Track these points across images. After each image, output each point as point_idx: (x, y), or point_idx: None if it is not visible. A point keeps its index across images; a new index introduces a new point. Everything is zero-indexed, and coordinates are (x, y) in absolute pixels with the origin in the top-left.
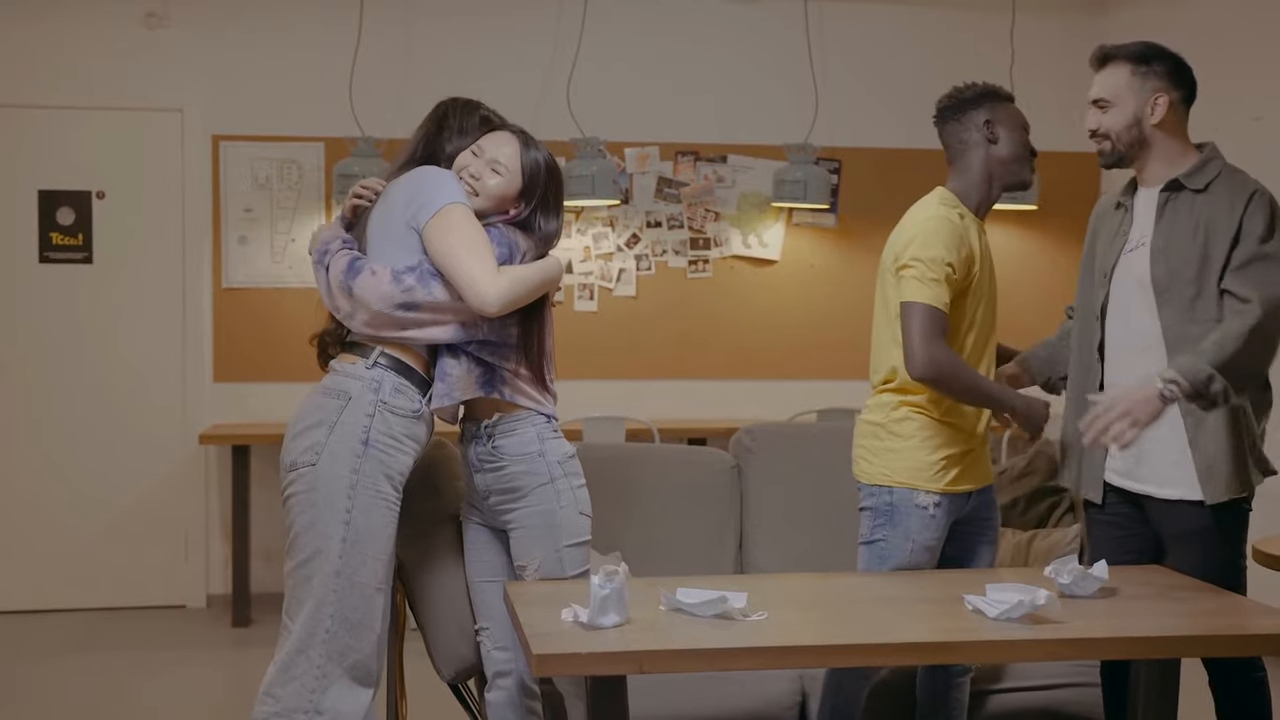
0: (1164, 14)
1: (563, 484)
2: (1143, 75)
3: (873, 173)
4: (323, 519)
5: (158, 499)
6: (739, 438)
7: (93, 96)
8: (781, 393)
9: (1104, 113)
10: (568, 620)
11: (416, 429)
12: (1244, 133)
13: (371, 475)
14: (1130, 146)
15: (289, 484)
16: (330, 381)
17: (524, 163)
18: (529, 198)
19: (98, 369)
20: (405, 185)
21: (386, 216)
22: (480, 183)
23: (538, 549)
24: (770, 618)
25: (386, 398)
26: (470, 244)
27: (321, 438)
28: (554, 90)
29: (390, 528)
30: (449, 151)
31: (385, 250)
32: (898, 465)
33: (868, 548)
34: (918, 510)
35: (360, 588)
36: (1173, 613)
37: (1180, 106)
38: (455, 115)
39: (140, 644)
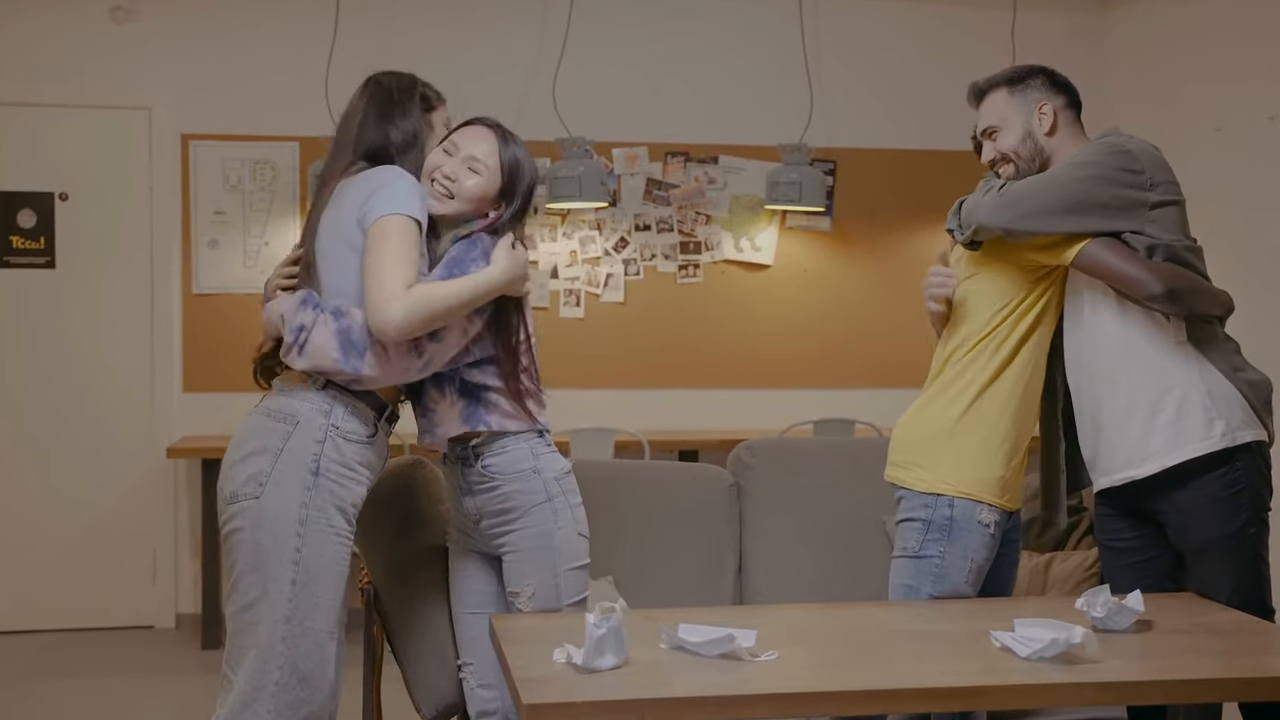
0: (1169, 10)
1: (560, 502)
2: (1020, 92)
3: (870, 174)
4: (269, 558)
5: (124, 515)
6: (738, 453)
7: (56, 94)
8: (776, 402)
9: (995, 139)
10: (560, 661)
11: (371, 455)
12: (1256, 131)
13: (323, 508)
14: (1031, 161)
15: (229, 518)
16: (274, 403)
17: (503, 159)
18: (509, 198)
19: (60, 379)
20: (363, 185)
21: (339, 217)
22: (456, 184)
23: (533, 573)
24: (781, 657)
25: (339, 421)
26: (397, 257)
27: (266, 466)
28: (539, 88)
29: (344, 565)
30: (395, 140)
31: (338, 251)
32: (963, 475)
33: (915, 562)
34: (979, 527)
35: (312, 634)
36: (1216, 650)
37: (1067, 112)
38: (396, 95)
39: (106, 667)
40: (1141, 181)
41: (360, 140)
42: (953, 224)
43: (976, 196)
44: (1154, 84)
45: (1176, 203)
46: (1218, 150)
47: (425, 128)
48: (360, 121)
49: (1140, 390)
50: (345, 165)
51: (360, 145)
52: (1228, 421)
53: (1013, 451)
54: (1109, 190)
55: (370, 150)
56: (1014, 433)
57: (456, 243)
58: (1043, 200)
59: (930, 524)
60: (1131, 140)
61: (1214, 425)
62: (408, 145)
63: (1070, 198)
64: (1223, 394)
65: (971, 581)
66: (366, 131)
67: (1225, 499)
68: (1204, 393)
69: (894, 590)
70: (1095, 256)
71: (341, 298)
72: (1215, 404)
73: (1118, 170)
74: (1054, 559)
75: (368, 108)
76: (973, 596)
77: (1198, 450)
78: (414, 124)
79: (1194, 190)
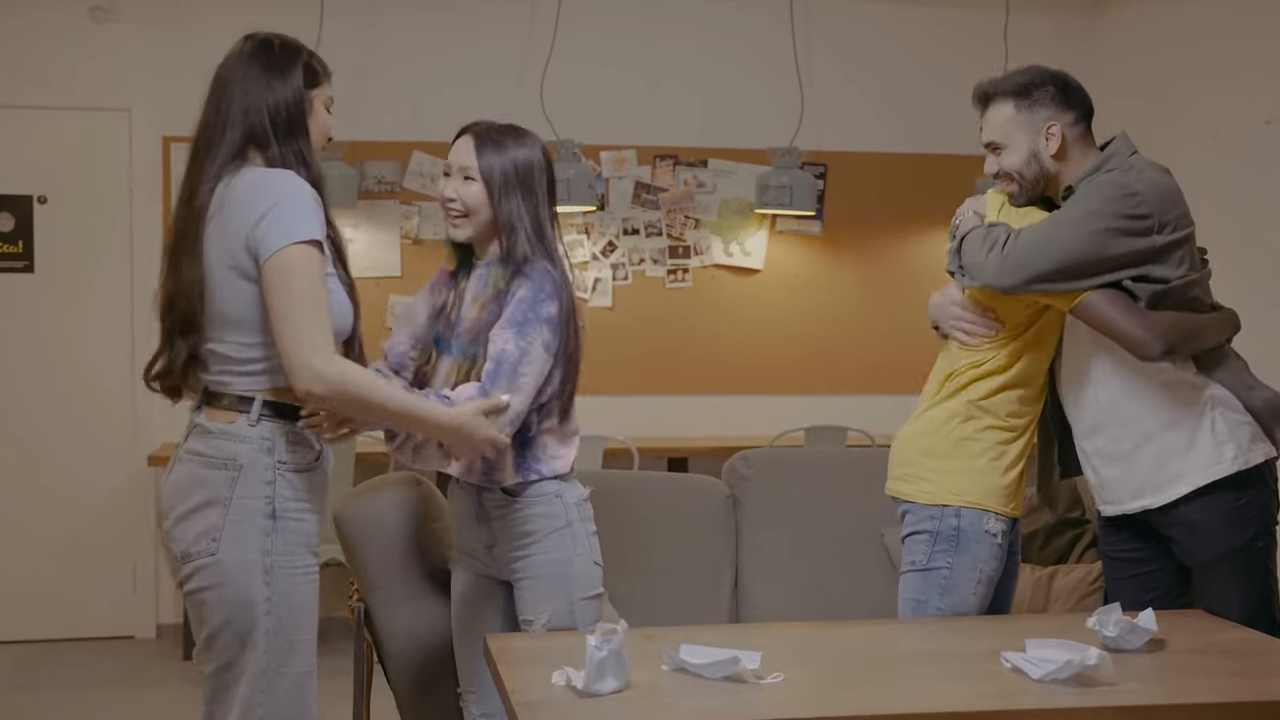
0: (1162, 12)
1: (579, 529)
2: (1028, 108)
3: (861, 178)
4: (239, 616)
5: (104, 523)
6: (733, 464)
7: (33, 95)
8: (766, 409)
9: (999, 155)
10: (559, 684)
11: (322, 477)
12: (1252, 135)
13: (287, 551)
14: (1035, 182)
15: (186, 578)
16: (206, 446)
17: (481, 167)
18: (511, 201)
19: (39, 386)
20: (248, 200)
21: (223, 235)
22: (460, 201)
23: (549, 601)
24: (787, 679)
25: (284, 455)
26: (307, 303)
27: (216, 520)
28: (526, 90)
29: (315, 598)
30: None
31: (227, 278)
32: (969, 485)
33: (923, 575)
34: (987, 537)
35: (290, 678)
36: (1230, 671)
37: (1076, 128)
38: (278, 56)
39: (85, 679)
40: (1149, 227)
41: (242, 114)
42: (953, 266)
43: (979, 249)
44: (1147, 87)
45: (1187, 237)
46: (1212, 154)
47: (306, 104)
48: (240, 90)
49: (1151, 420)
50: (225, 157)
51: (242, 121)
52: (1238, 444)
53: (1016, 459)
54: (1117, 244)
55: (251, 130)
56: (1017, 441)
57: (515, 278)
58: (1051, 263)
59: (937, 536)
60: (1140, 175)
61: (1224, 449)
62: (291, 124)
63: (1078, 258)
64: (1234, 416)
65: (980, 594)
66: (249, 100)
67: (1233, 514)
68: (1214, 418)
69: (903, 605)
70: (1095, 310)
71: (240, 330)
72: (1227, 427)
73: (1125, 220)
74: (1056, 572)
75: (249, 70)
76: (980, 610)
77: (1210, 476)
78: (293, 94)
79: (1188, 194)
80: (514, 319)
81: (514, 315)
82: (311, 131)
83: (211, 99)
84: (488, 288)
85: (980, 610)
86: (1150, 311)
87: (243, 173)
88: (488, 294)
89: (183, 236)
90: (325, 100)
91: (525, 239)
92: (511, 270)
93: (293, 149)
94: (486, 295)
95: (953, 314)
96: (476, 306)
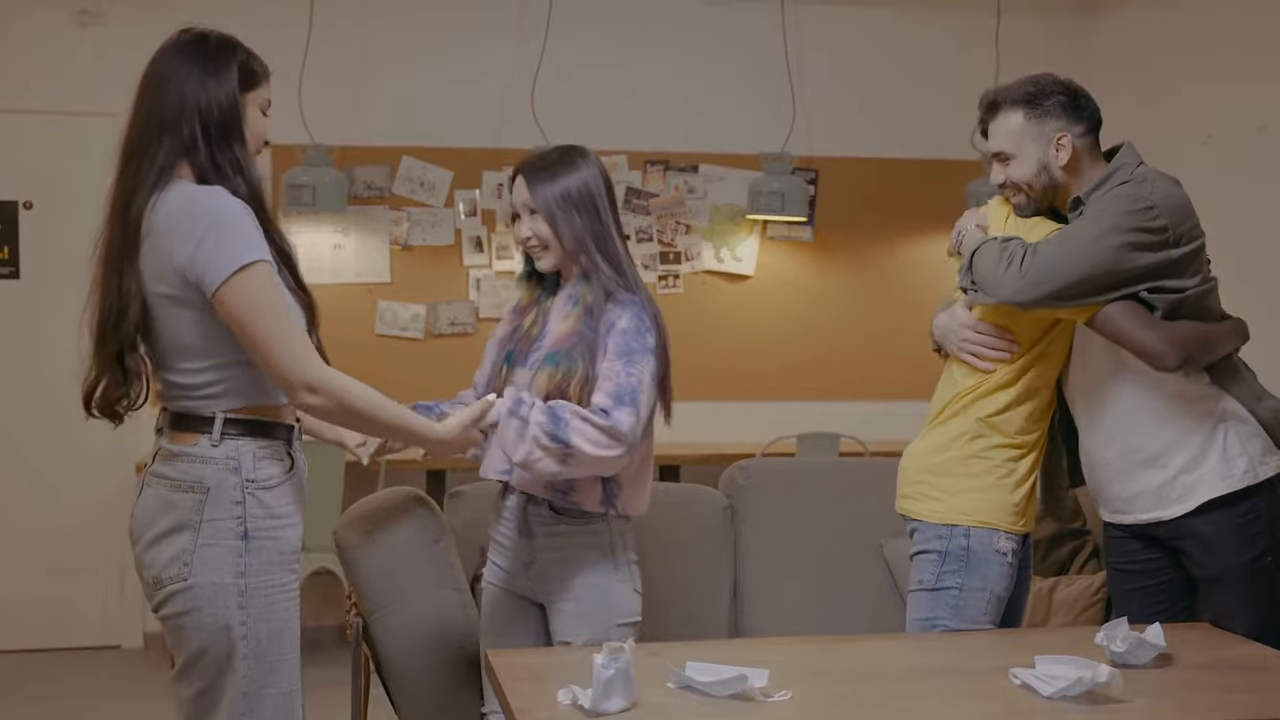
0: (1154, 17)
1: (622, 556)
2: (1038, 119)
3: (852, 183)
4: (216, 642)
5: (91, 532)
6: (731, 474)
7: (19, 99)
8: (758, 415)
9: (1007, 165)
10: (565, 703)
11: (295, 489)
12: (1245, 141)
13: (261, 572)
14: (1045, 192)
15: (160, 604)
16: (172, 469)
17: (538, 203)
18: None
19: (25, 392)
20: (180, 225)
21: (157, 259)
22: (537, 235)
23: (587, 625)
24: (794, 698)
25: (251, 473)
26: (280, 318)
27: (187, 544)
28: (517, 95)
29: (296, 617)
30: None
31: (167, 309)
32: (978, 504)
33: (932, 595)
34: (997, 556)
35: (273, 699)
36: (1241, 688)
37: (1086, 138)
38: (212, 54)
39: (71, 689)
40: (1166, 240)
41: (174, 117)
42: (965, 282)
43: (995, 264)
44: (1138, 91)
45: (1200, 247)
46: (1205, 159)
47: (240, 108)
48: (173, 89)
49: (1163, 432)
50: (158, 165)
51: (174, 125)
52: (1249, 458)
53: (1026, 475)
54: (1137, 258)
55: (182, 136)
56: (1026, 457)
57: (609, 303)
58: (1070, 279)
59: (946, 555)
60: (1153, 187)
61: (1236, 463)
62: (225, 129)
63: (1099, 273)
64: (1245, 429)
65: (991, 615)
66: (182, 101)
67: (1243, 527)
68: (1226, 431)
69: (911, 625)
70: (1112, 322)
71: (188, 357)
72: (1239, 440)
73: (1143, 233)
74: (1058, 584)
75: (181, 68)
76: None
77: (1221, 490)
78: (227, 96)
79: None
80: (621, 350)
81: (620, 346)
82: (246, 136)
83: (142, 97)
84: (577, 304)
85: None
86: (1166, 322)
87: (170, 192)
88: (577, 310)
89: (118, 247)
90: (262, 103)
91: (599, 254)
92: (600, 291)
93: (227, 156)
94: (576, 311)
95: (964, 336)
96: (567, 322)
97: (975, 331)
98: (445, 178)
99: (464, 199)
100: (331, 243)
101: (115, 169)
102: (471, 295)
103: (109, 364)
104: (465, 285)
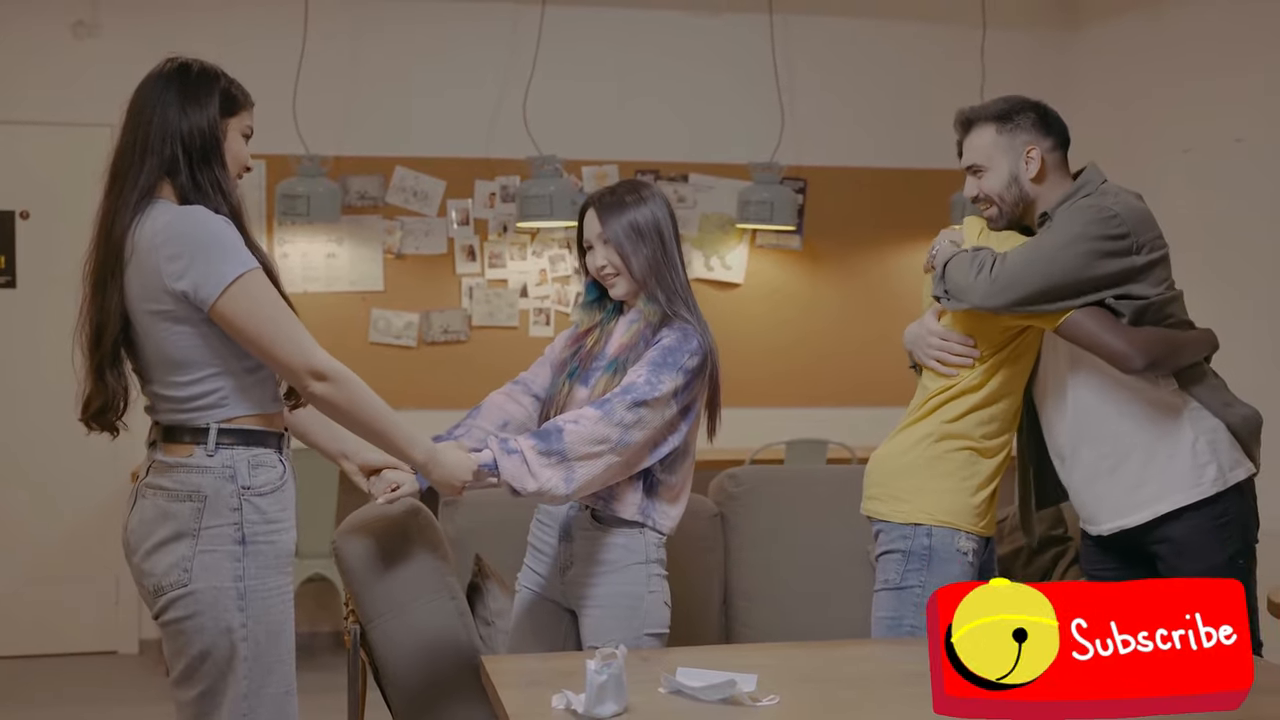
0: (1137, 30)
1: (655, 568)
2: (1009, 132)
3: (840, 193)
4: (217, 644)
5: (87, 538)
6: (721, 482)
7: (15, 110)
8: (747, 422)
9: (980, 178)
10: (559, 708)
11: (288, 495)
12: (1224, 152)
13: (260, 574)
14: (1015, 205)
15: (161, 610)
16: (168, 480)
17: (608, 235)
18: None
19: (21, 401)
20: (166, 244)
21: (142, 278)
22: (610, 264)
23: (616, 631)
24: (783, 702)
25: (247, 481)
26: (281, 319)
27: (186, 552)
28: (509, 106)
29: (290, 619)
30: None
31: (155, 325)
32: (940, 505)
33: (897, 594)
34: (958, 555)
35: (271, 699)
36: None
37: (1054, 154)
38: (194, 80)
39: (67, 695)
40: (1129, 246)
41: (158, 141)
42: (939, 291)
43: (965, 272)
44: (1121, 103)
45: (1164, 257)
46: (1184, 170)
47: (220, 133)
48: (156, 114)
49: (1132, 439)
50: (141, 187)
51: (157, 148)
52: (1219, 465)
53: (988, 479)
54: (1101, 265)
55: (164, 158)
56: (989, 460)
57: (664, 325)
58: (1038, 285)
59: (910, 555)
60: (1116, 198)
61: (1206, 470)
62: (206, 153)
63: (1064, 279)
64: (1214, 436)
65: None
66: (164, 126)
67: (1217, 529)
68: (1194, 438)
69: (877, 624)
70: (1079, 327)
71: (179, 370)
72: (1208, 447)
73: (1106, 240)
74: None
75: (164, 94)
76: None
77: (1194, 497)
78: (208, 122)
79: (1161, 208)
80: (652, 360)
81: (653, 357)
82: (227, 160)
83: (129, 123)
84: (639, 320)
85: None
86: (1132, 327)
87: (153, 212)
88: (639, 325)
89: (103, 265)
90: (243, 129)
91: (664, 280)
92: (660, 310)
93: (208, 178)
94: (638, 326)
95: (929, 343)
96: (628, 335)
97: (940, 338)
98: (438, 187)
99: (456, 208)
100: (325, 252)
101: (102, 191)
102: (464, 303)
103: (94, 377)
104: (458, 293)
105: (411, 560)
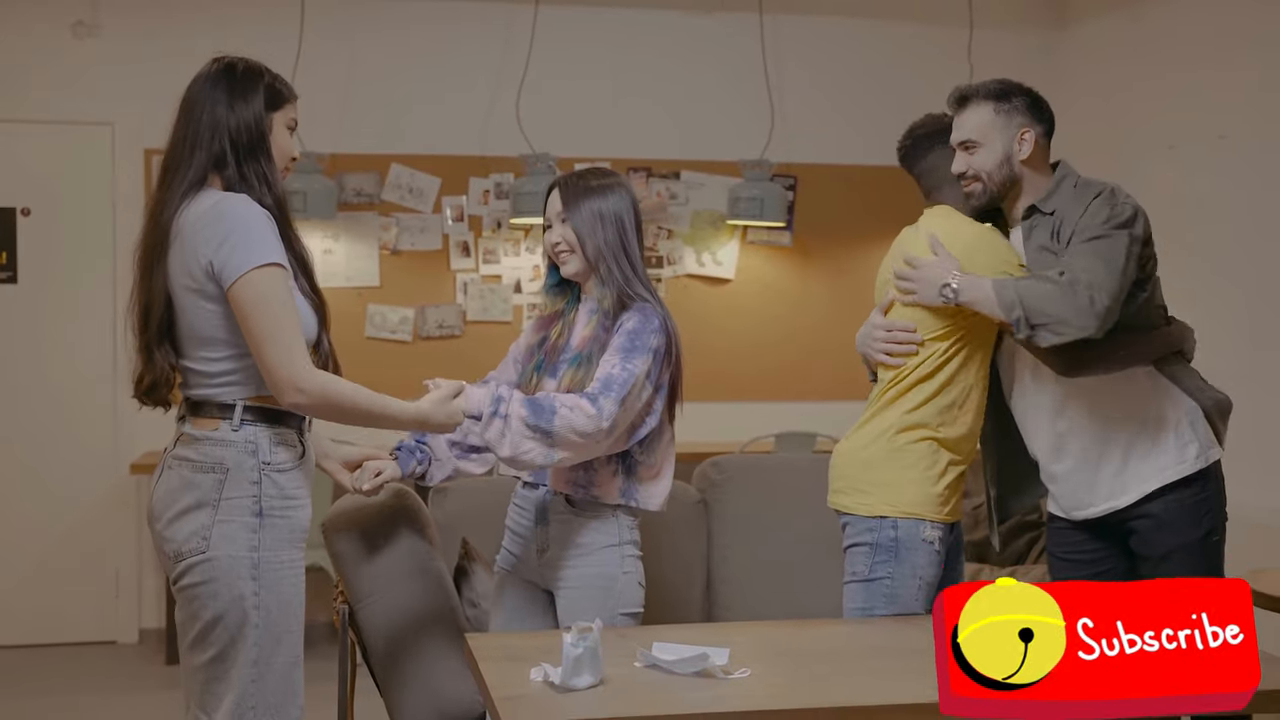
0: (1123, 30)
1: (629, 549)
2: (1006, 113)
3: (830, 190)
4: (230, 610)
5: (87, 530)
6: (704, 470)
7: (17, 109)
8: (737, 416)
9: (972, 154)
10: (537, 680)
11: (305, 475)
12: (1208, 148)
13: (273, 547)
14: (1002, 185)
15: (179, 575)
16: (194, 452)
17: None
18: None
19: (23, 394)
20: (207, 226)
21: (183, 259)
22: (564, 242)
23: (592, 611)
24: (754, 675)
25: (268, 456)
26: (280, 322)
27: (206, 520)
28: (502, 104)
29: (301, 591)
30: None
31: (190, 300)
32: (903, 495)
33: (866, 586)
34: (924, 545)
35: (279, 668)
36: None
37: (1044, 140)
38: (240, 77)
39: (67, 684)
40: (1149, 237)
41: (206, 136)
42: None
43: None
44: (1107, 100)
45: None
46: (1169, 166)
47: (266, 126)
48: (205, 112)
49: (1121, 425)
50: (190, 178)
51: (206, 143)
52: (1200, 444)
53: (949, 466)
54: (1143, 251)
55: (213, 152)
56: (949, 450)
57: (622, 310)
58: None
59: (877, 547)
60: (1120, 191)
61: (1187, 449)
62: (252, 146)
63: (1129, 277)
64: (1194, 416)
65: (924, 601)
66: (213, 122)
67: (1195, 506)
68: (1176, 419)
69: (848, 615)
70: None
71: (209, 347)
72: (1190, 428)
73: (1144, 225)
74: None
75: (213, 92)
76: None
77: (1174, 475)
78: (254, 116)
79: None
80: (621, 347)
81: (621, 344)
82: (274, 152)
83: (180, 120)
84: (596, 311)
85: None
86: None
87: (200, 197)
88: (596, 316)
89: (151, 249)
90: (288, 122)
91: (617, 265)
92: (615, 296)
93: (254, 170)
94: (596, 317)
95: (875, 336)
96: (588, 328)
97: (884, 329)
98: (433, 184)
99: (451, 205)
100: (322, 248)
101: (155, 185)
102: (459, 299)
103: (144, 355)
104: (453, 289)
105: (398, 543)
